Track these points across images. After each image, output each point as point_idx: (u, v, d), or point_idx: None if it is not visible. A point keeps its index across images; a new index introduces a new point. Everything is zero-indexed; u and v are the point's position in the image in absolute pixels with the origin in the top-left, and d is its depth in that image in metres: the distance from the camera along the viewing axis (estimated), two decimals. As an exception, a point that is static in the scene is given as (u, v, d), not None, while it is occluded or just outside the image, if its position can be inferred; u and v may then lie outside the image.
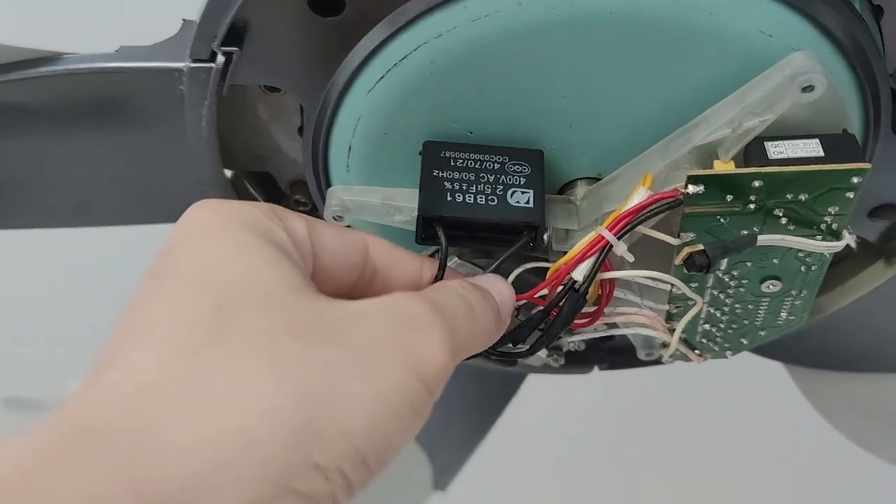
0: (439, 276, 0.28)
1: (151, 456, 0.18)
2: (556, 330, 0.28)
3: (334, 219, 0.31)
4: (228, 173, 0.36)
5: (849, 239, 0.28)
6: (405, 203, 0.30)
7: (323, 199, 0.31)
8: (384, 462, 0.20)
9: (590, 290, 0.29)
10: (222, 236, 0.22)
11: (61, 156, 0.35)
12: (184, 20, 0.31)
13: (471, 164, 0.29)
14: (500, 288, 0.26)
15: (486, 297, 0.25)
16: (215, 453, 0.18)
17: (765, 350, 0.42)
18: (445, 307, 0.23)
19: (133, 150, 0.34)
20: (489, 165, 0.29)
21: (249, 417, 0.19)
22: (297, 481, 0.19)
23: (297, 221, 0.23)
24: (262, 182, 0.37)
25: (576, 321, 0.30)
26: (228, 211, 0.22)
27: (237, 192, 0.36)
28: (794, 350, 0.42)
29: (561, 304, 0.28)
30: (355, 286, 0.25)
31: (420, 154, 0.29)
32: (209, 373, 0.19)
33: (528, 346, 0.29)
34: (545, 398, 0.67)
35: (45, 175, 0.35)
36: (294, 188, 0.36)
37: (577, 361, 0.42)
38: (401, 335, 0.21)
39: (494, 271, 0.28)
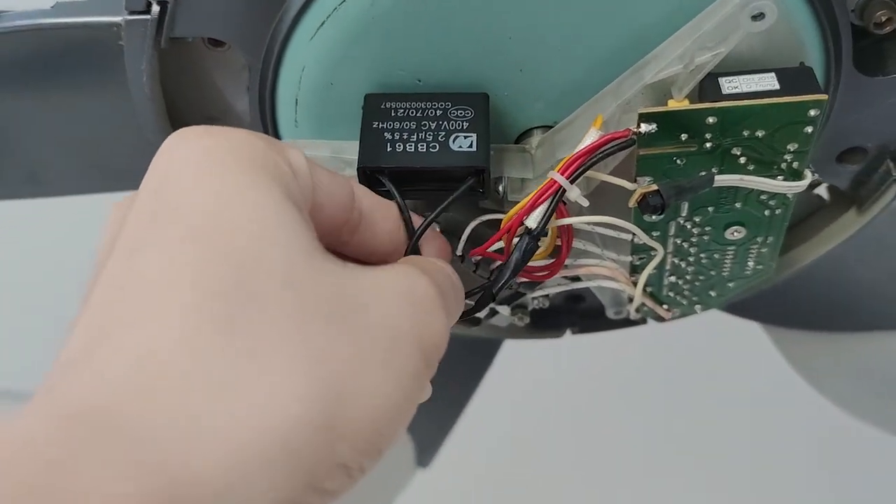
0: (409, 229, 0.27)
1: (178, 448, 0.16)
2: (505, 276, 0.27)
3: (282, 175, 0.30)
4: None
5: (811, 178, 0.27)
6: (354, 156, 0.29)
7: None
8: (391, 447, 0.20)
9: (546, 241, 0.28)
10: (226, 179, 0.19)
11: (5, 121, 0.34)
12: (122, -26, 0.30)
13: (412, 112, 0.28)
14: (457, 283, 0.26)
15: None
16: (251, 452, 0.17)
17: (741, 309, 0.41)
18: (442, 286, 0.23)
19: (80, 112, 0.33)
20: (431, 113, 0.28)
21: (286, 415, 0.17)
22: (324, 480, 0.18)
23: (297, 154, 0.22)
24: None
25: (537, 274, 0.29)
26: (226, 143, 0.20)
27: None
28: (770, 308, 0.41)
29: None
30: (342, 231, 0.24)
31: (362, 107, 0.28)
32: (237, 360, 0.17)
33: (475, 302, 0.28)
34: (524, 369, 0.66)
35: (-8, 142, 0.35)
36: (249, 150, 0.36)
37: (548, 325, 0.41)
38: (416, 319, 0.21)
39: (438, 219, 0.27)
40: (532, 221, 0.27)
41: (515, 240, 0.27)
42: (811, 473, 0.86)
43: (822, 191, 0.36)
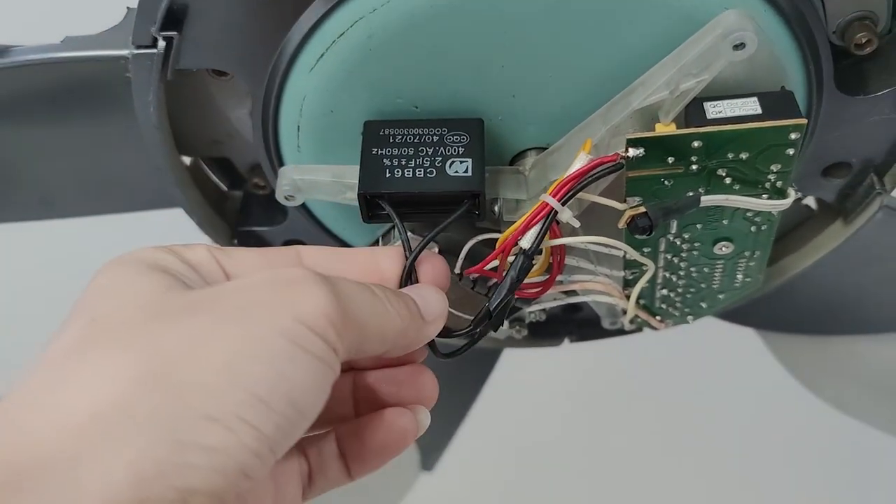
0: (406, 254, 0.27)
1: (17, 429, 0.19)
2: (502, 295, 0.28)
3: (286, 199, 0.31)
4: (188, 161, 0.37)
5: (794, 197, 0.28)
6: (355, 180, 0.30)
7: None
8: (299, 404, 0.21)
9: (540, 259, 0.29)
10: (117, 271, 0.23)
11: (19, 150, 0.35)
12: (128, 8, 0.31)
13: (410, 139, 0.29)
14: (422, 291, 0.26)
15: (398, 293, 0.25)
16: (90, 417, 0.19)
17: (735, 316, 0.42)
18: (335, 280, 0.23)
19: (90, 140, 0.35)
20: (428, 139, 0.29)
21: (120, 386, 0.20)
22: (194, 434, 0.19)
23: (197, 250, 0.25)
24: (221, 167, 0.37)
25: (530, 290, 0.30)
26: (125, 256, 0.24)
27: (196, 179, 0.36)
28: (763, 315, 0.42)
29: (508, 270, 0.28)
30: None
31: (361, 134, 0.29)
32: (77, 364, 0.20)
33: (473, 322, 0.29)
34: (526, 374, 0.67)
35: (5, 170, 0.36)
36: (253, 172, 0.37)
37: (546, 334, 0.42)
38: (276, 292, 0.22)
39: (437, 239, 0.28)
40: (526, 242, 0.28)
41: (510, 259, 0.28)
42: (806, 469, 0.87)
43: (810, 201, 0.38)
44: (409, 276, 0.27)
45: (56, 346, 0.21)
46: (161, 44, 0.29)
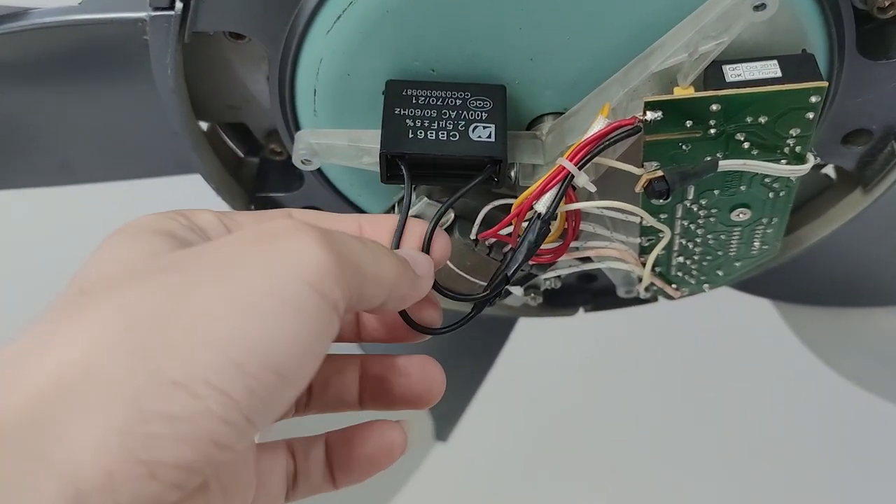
0: (403, 215, 0.28)
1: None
2: (519, 259, 0.28)
3: (302, 163, 0.31)
4: (205, 126, 0.37)
5: (814, 162, 0.28)
6: (372, 144, 0.30)
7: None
8: (281, 367, 0.19)
9: (555, 224, 0.29)
10: (114, 240, 0.23)
11: (38, 113, 0.35)
12: (146, -30, 0.31)
13: (433, 101, 0.29)
14: (407, 250, 0.26)
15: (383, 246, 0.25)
16: (54, 382, 0.18)
17: (751, 287, 0.42)
18: (324, 228, 0.22)
19: (108, 104, 0.35)
20: (451, 102, 0.29)
21: (85, 349, 0.19)
22: (156, 401, 0.18)
23: (203, 213, 0.24)
24: (238, 133, 0.38)
25: (543, 256, 0.30)
26: (127, 224, 0.24)
27: (214, 144, 0.36)
28: (780, 285, 0.42)
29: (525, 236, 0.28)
30: None
31: (383, 94, 0.29)
32: (51, 330, 0.19)
33: (489, 286, 0.29)
34: (541, 345, 0.67)
35: (25, 134, 0.36)
36: (269, 137, 0.37)
37: (561, 303, 0.42)
38: (258, 244, 0.21)
39: (455, 204, 0.28)
40: (541, 206, 0.28)
41: (524, 224, 0.28)
42: (821, 441, 0.87)
43: (829, 170, 0.37)
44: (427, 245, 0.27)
45: (41, 316, 0.20)
46: (178, 5, 0.29)
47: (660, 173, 0.27)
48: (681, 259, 0.33)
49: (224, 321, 0.19)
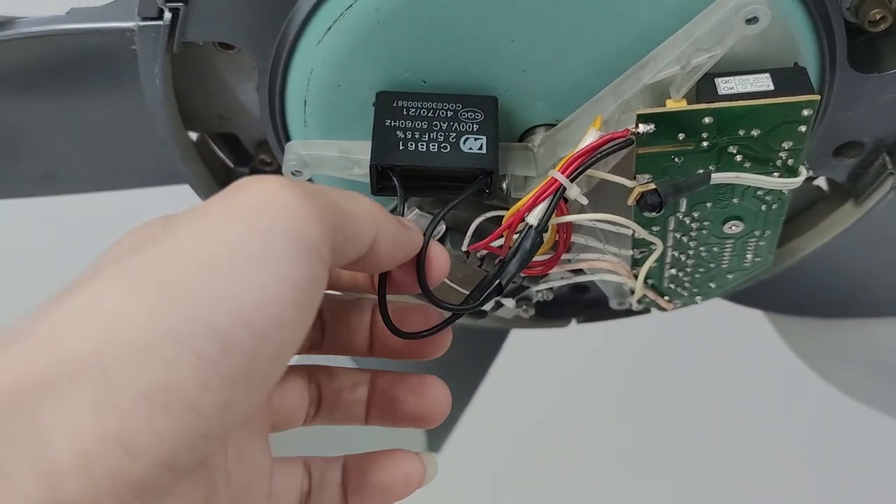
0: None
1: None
2: (513, 270, 0.28)
3: (292, 174, 0.31)
4: (194, 136, 0.36)
5: (806, 175, 0.28)
6: (363, 156, 0.30)
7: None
8: (252, 321, 0.18)
9: (547, 236, 0.29)
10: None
11: (23, 122, 0.35)
12: (134, -20, 0.30)
13: (424, 112, 0.28)
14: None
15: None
16: (28, 369, 0.18)
17: (744, 298, 0.42)
18: (300, 183, 0.21)
19: (95, 114, 0.34)
20: (442, 113, 0.28)
21: (54, 329, 0.18)
22: (124, 371, 0.17)
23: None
24: (228, 143, 0.37)
25: (533, 268, 0.30)
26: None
27: (203, 155, 0.36)
28: (772, 297, 0.42)
29: (518, 248, 0.28)
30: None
31: (373, 105, 0.29)
32: (28, 323, 0.19)
33: (483, 294, 0.29)
34: (534, 356, 0.67)
35: (9, 143, 0.36)
36: (260, 148, 0.36)
37: (553, 315, 0.42)
38: (225, 199, 0.20)
39: (447, 216, 0.28)
40: (533, 218, 0.27)
41: (515, 236, 0.28)
42: (812, 452, 0.87)
43: (821, 181, 0.37)
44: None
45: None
46: (167, 15, 0.28)
47: (652, 186, 0.27)
48: (673, 271, 0.33)
49: (190, 280, 0.18)
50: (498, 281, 0.27)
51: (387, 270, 0.26)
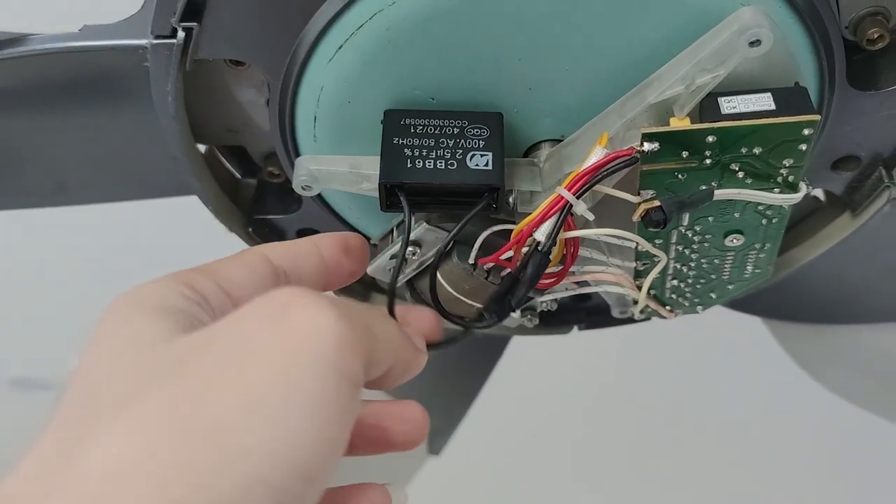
0: (404, 241, 0.29)
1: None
2: (522, 292, 0.29)
3: (302, 188, 0.32)
4: (202, 148, 0.37)
5: (806, 191, 0.28)
6: (372, 171, 0.30)
7: (294, 169, 0.32)
8: (306, 472, 0.18)
9: (554, 251, 0.30)
10: (110, 325, 0.21)
11: (35, 137, 0.35)
12: (146, -4, 0.31)
13: (431, 130, 0.29)
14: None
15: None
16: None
17: (742, 305, 0.43)
18: (332, 298, 0.21)
19: (106, 128, 0.35)
20: (449, 130, 0.29)
21: (100, 484, 0.17)
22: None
23: (201, 279, 0.23)
24: (236, 155, 0.38)
25: (543, 281, 0.31)
26: (129, 295, 0.22)
27: (211, 166, 0.37)
28: (770, 304, 0.43)
29: (526, 265, 0.29)
30: None
31: (381, 123, 0.30)
32: (61, 461, 0.18)
33: (497, 315, 0.29)
34: (535, 361, 0.68)
35: (21, 156, 0.36)
36: (268, 160, 0.37)
37: (555, 322, 0.42)
38: (274, 326, 0.19)
39: (457, 234, 0.29)
40: (541, 234, 0.28)
41: (524, 250, 0.29)
42: (810, 455, 0.88)
43: (818, 193, 0.38)
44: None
45: (47, 430, 0.19)
46: (181, 34, 0.29)
47: (657, 203, 0.27)
48: (675, 282, 0.34)
49: (243, 430, 0.17)
50: (510, 302, 0.28)
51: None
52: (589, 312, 0.43)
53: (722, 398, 0.89)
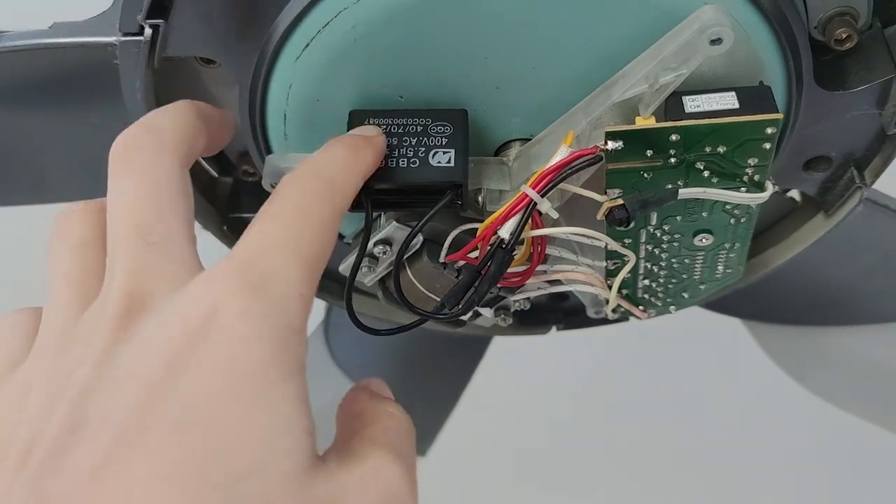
0: (364, 244, 0.29)
1: None
2: (484, 287, 0.29)
3: (272, 186, 0.32)
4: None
5: (772, 190, 0.28)
6: (342, 168, 0.30)
7: (265, 165, 0.32)
8: None
9: (521, 249, 0.30)
10: (249, 385, 0.22)
11: (10, 134, 0.35)
12: (117, -6, 0.31)
13: (394, 129, 0.29)
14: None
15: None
16: None
17: (720, 307, 0.43)
18: (404, 453, 0.24)
19: (80, 125, 0.35)
20: (412, 129, 0.29)
21: None
22: None
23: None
24: (212, 154, 0.38)
25: (510, 279, 0.31)
26: (267, 335, 0.22)
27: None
28: (747, 305, 0.43)
29: (489, 261, 0.29)
30: None
31: (347, 124, 0.30)
32: None
33: (460, 306, 0.29)
34: (518, 360, 0.68)
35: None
36: (242, 159, 0.37)
37: (533, 322, 0.42)
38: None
39: (421, 231, 0.29)
40: (505, 232, 0.28)
41: (489, 248, 0.29)
42: (792, 458, 0.88)
43: (794, 193, 0.38)
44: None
45: None
46: (147, 31, 0.29)
47: (620, 202, 0.27)
48: (646, 282, 0.34)
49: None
50: (471, 297, 0.28)
51: None
52: (567, 313, 0.43)
53: (702, 400, 0.89)
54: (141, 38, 0.29)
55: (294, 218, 0.24)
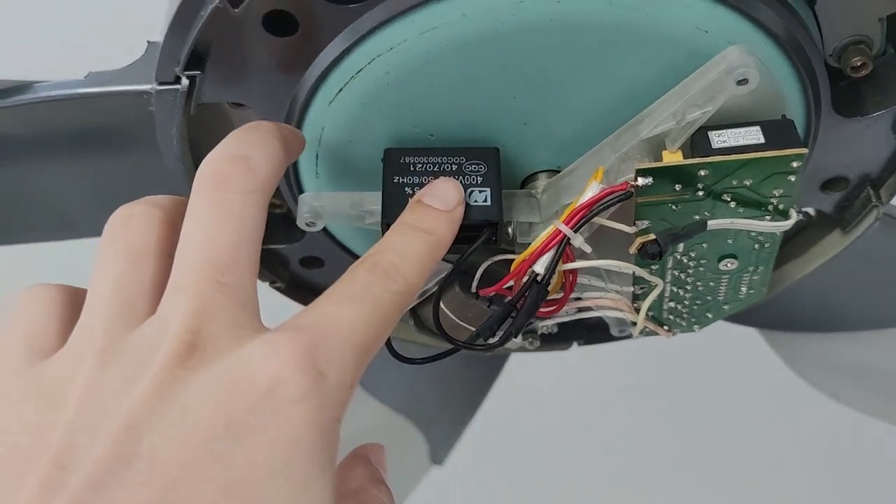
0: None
1: None
2: (521, 321, 0.30)
3: (307, 225, 0.32)
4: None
5: (796, 218, 0.29)
6: (374, 206, 0.31)
7: (296, 202, 0.33)
8: None
9: (554, 280, 0.30)
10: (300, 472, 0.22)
11: (42, 180, 0.36)
12: (148, 42, 0.32)
13: (430, 167, 0.30)
14: None
15: None
16: None
17: (736, 317, 0.44)
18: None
19: (112, 171, 0.36)
20: (447, 167, 0.30)
21: None
22: None
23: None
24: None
25: (542, 310, 0.31)
26: (319, 429, 0.22)
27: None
28: (764, 316, 0.44)
29: (525, 295, 0.29)
30: None
31: (382, 161, 0.30)
32: None
33: (498, 338, 0.30)
34: (538, 370, 0.69)
35: (28, 198, 0.37)
36: (270, 193, 0.38)
37: (555, 339, 0.43)
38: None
39: (458, 268, 0.29)
40: (540, 267, 0.29)
41: (524, 279, 0.30)
42: (808, 461, 0.89)
43: (809, 209, 0.39)
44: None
45: None
46: (185, 82, 0.30)
47: (652, 237, 0.28)
48: (672, 304, 0.35)
49: None
50: (508, 330, 0.29)
51: None
52: (589, 329, 0.43)
53: (718, 406, 0.90)
54: (178, 87, 0.30)
55: (369, 311, 0.24)
